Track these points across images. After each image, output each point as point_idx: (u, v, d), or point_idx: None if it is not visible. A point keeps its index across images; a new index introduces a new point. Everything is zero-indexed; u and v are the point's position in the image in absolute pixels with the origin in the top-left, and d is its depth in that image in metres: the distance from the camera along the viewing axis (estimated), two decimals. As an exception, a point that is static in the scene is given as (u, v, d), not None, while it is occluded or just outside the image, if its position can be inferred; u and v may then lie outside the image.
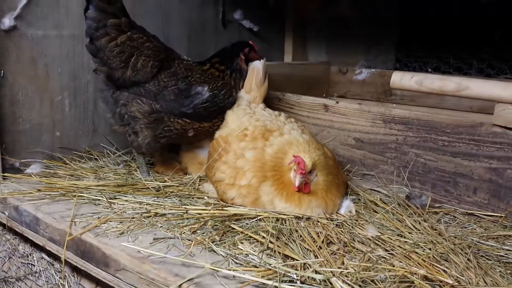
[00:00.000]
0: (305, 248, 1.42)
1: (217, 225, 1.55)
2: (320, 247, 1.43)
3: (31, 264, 1.80)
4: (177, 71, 2.02)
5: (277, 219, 1.58)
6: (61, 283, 1.62)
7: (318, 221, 1.62)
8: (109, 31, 1.91)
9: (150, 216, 1.61)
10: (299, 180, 1.59)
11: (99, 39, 1.91)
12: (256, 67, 2.13)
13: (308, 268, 1.29)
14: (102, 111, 2.21)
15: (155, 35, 2.08)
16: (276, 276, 1.22)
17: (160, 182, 1.96)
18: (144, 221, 1.58)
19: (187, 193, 1.87)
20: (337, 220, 1.64)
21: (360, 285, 1.22)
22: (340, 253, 1.42)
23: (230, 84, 2.11)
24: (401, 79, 1.94)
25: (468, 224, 1.71)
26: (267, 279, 1.21)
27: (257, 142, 1.79)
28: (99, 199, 1.74)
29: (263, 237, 1.45)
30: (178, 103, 1.99)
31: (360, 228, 1.58)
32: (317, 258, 1.36)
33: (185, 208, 1.66)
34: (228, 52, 2.20)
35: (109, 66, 1.95)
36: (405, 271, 1.28)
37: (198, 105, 2.00)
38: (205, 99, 2.01)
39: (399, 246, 1.46)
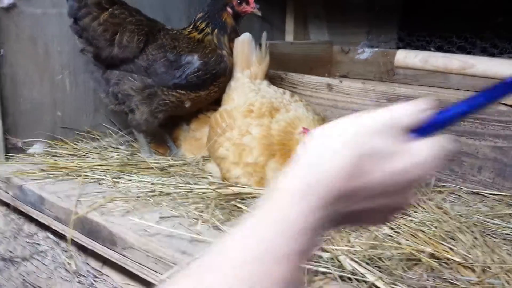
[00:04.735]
0: (312, 226, 1.42)
1: (222, 204, 1.55)
2: (326, 226, 1.43)
3: (37, 243, 1.80)
4: (164, 42, 1.98)
5: (283, 198, 1.58)
6: (67, 262, 1.62)
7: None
8: (91, 10, 1.88)
9: (155, 195, 1.61)
10: None
11: (82, 19, 1.88)
12: (246, 39, 1.99)
13: (315, 246, 1.29)
14: (95, 91, 2.20)
15: (138, 8, 2.04)
16: (284, 254, 1.22)
17: (163, 161, 1.96)
18: (149, 200, 1.58)
19: (191, 172, 1.86)
20: (342, 199, 1.63)
21: (367, 263, 1.22)
22: (346, 231, 1.42)
23: (216, 47, 2.02)
24: (405, 57, 1.93)
25: (473, 203, 1.71)
26: (275, 257, 1.21)
27: (263, 119, 1.77)
28: (103, 179, 1.73)
29: (269, 216, 1.45)
30: (170, 75, 1.95)
31: (365, 207, 1.58)
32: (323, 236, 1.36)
33: (189, 187, 1.66)
34: (212, 4, 2.06)
35: (95, 46, 1.93)
36: (412, 249, 1.29)
37: (191, 75, 1.96)
38: (196, 67, 1.96)
39: (405, 224, 1.46)
